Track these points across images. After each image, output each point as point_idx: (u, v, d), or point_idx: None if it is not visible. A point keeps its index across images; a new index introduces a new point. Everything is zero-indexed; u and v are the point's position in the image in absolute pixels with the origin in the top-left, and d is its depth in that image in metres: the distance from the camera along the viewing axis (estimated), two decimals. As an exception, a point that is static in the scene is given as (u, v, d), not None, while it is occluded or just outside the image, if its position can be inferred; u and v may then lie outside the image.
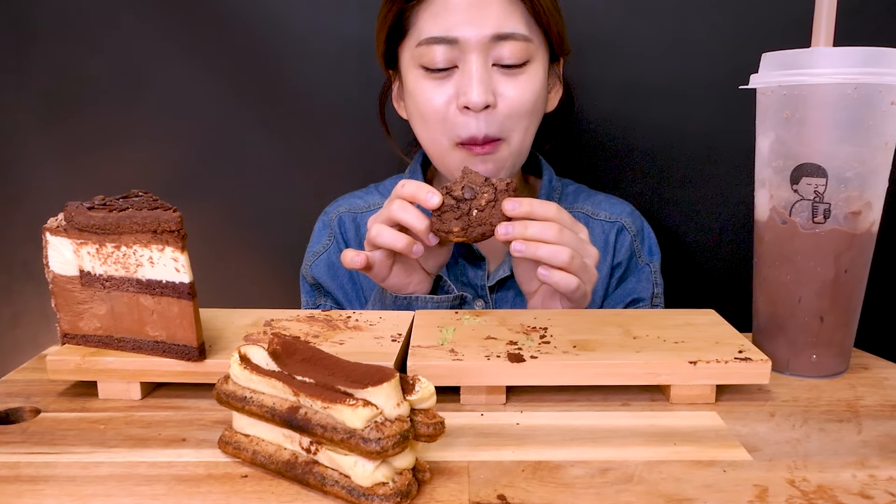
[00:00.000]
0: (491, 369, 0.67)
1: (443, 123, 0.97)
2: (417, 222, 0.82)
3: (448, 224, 0.82)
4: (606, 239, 1.10)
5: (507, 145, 0.98)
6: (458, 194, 0.81)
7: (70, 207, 0.68)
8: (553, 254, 0.80)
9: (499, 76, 0.95)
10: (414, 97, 0.99)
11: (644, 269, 1.10)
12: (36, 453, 0.59)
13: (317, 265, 1.11)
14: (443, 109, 0.96)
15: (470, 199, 0.81)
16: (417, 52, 0.96)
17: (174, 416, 0.66)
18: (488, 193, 0.81)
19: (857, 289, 0.73)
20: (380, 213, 0.86)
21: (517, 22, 0.94)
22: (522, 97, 0.96)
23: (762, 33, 1.17)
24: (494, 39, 0.93)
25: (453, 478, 0.55)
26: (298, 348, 0.56)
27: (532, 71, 0.97)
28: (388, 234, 0.83)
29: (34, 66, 1.26)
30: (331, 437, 0.50)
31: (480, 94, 0.92)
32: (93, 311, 0.70)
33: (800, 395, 0.70)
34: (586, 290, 0.84)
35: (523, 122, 0.97)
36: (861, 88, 0.66)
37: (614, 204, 1.14)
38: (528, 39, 0.95)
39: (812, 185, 0.69)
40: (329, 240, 1.13)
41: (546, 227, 0.80)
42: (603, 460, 0.57)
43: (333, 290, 1.11)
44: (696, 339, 0.72)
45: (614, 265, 1.10)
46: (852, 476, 0.55)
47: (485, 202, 0.81)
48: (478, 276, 1.06)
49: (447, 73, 0.96)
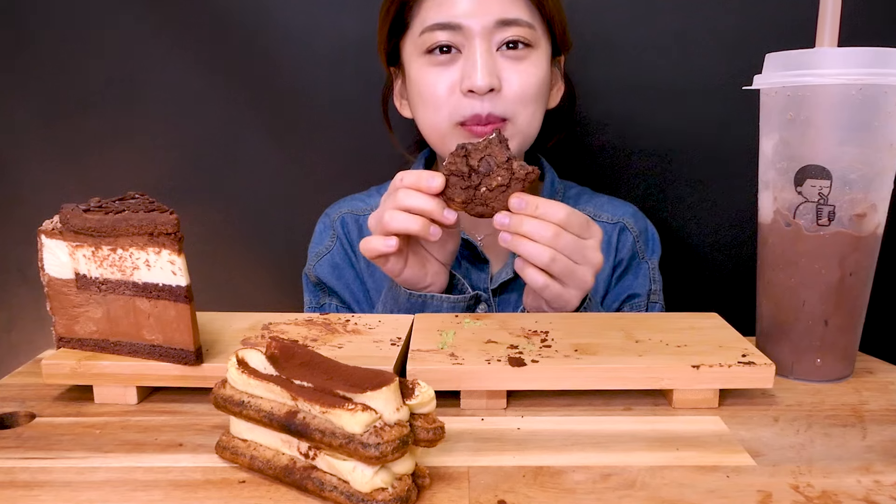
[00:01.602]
0: (491, 373, 0.66)
1: (445, 107, 0.97)
2: (428, 204, 0.79)
3: (453, 191, 0.79)
4: (609, 239, 1.09)
5: (513, 125, 0.97)
6: (475, 164, 0.78)
7: (66, 210, 0.68)
8: (536, 253, 0.78)
9: (503, 61, 0.96)
10: (417, 85, 0.99)
11: (642, 265, 1.10)
12: (31, 458, 0.58)
13: (321, 266, 1.11)
14: (446, 94, 0.96)
15: (484, 174, 0.78)
16: (420, 40, 0.97)
17: (171, 421, 0.65)
18: (502, 177, 0.77)
19: (862, 292, 0.73)
20: (379, 210, 0.83)
21: (521, 9, 0.95)
22: (527, 81, 0.96)
23: (766, 33, 1.16)
24: (498, 25, 0.94)
25: (453, 483, 0.54)
26: (296, 352, 0.55)
27: (535, 58, 0.97)
28: (401, 217, 0.79)
29: (30, 68, 1.26)
30: (329, 441, 0.49)
31: (485, 76, 0.93)
32: (88, 315, 0.70)
33: (804, 400, 0.69)
34: (568, 296, 0.81)
35: (529, 107, 0.97)
36: (866, 89, 0.66)
37: (617, 206, 1.13)
38: (531, 26, 0.96)
39: (816, 186, 0.69)
40: (332, 241, 1.12)
41: (544, 226, 0.77)
42: (605, 465, 0.57)
43: (340, 290, 1.10)
44: (699, 342, 0.72)
45: (615, 264, 1.10)
46: (857, 481, 0.54)
47: (496, 184, 0.77)
48: (480, 278, 1.05)
49: (451, 58, 0.96)
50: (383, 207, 0.83)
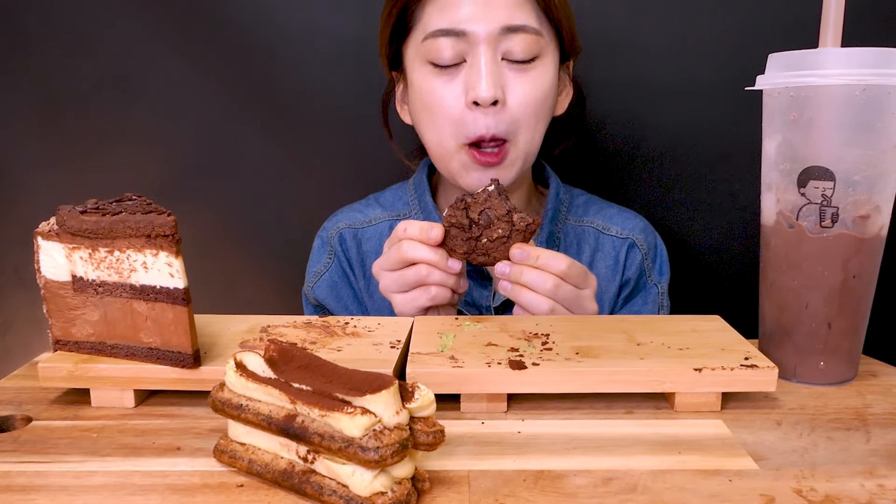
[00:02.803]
0: (492, 376, 0.66)
1: (451, 122, 0.95)
2: (431, 256, 0.81)
3: (454, 242, 0.81)
4: (616, 256, 1.07)
5: (514, 147, 0.96)
6: (475, 217, 0.80)
7: (62, 211, 0.67)
8: (535, 303, 0.80)
9: (508, 71, 0.93)
10: (421, 95, 0.97)
11: (651, 289, 1.08)
12: (28, 462, 0.58)
13: (319, 286, 1.09)
14: (451, 107, 0.94)
15: (484, 226, 0.80)
16: (423, 46, 0.94)
17: (168, 425, 0.65)
18: (503, 229, 0.80)
19: (866, 294, 0.72)
20: (386, 258, 0.85)
21: (527, 15, 0.92)
22: (532, 94, 0.94)
23: (769, 34, 1.16)
24: (504, 32, 0.91)
25: (453, 487, 0.54)
26: (295, 355, 0.55)
27: (542, 67, 0.95)
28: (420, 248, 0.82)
29: (26, 69, 1.26)
30: (328, 445, 0.49)
31: (489, 87, 0.91)
32: (85, 318, 0.69)
33: (807, 403, 0.69)
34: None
35: (531, 122, 0.96)
36: (869, 90, 0.65)
37: (627, 218, 1.11)
38: (539, 33, 0.93)
39: (819, 188, 0.68)
40: (329, 258, 1.10)
41: (544, 278, 0.79)
42: (606, 469, 0.56)
43: (338, 311, 1.09)
44: (702, 345, 0.71)
45: (622, 283, 1.08)
46: (861, 486, 0.54)
47: (496, 236, 0.80)
48: (483, 296, 1.05)
49: (455, 69, 0.94)
50: (387, 258, 0.84)
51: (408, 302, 0.84)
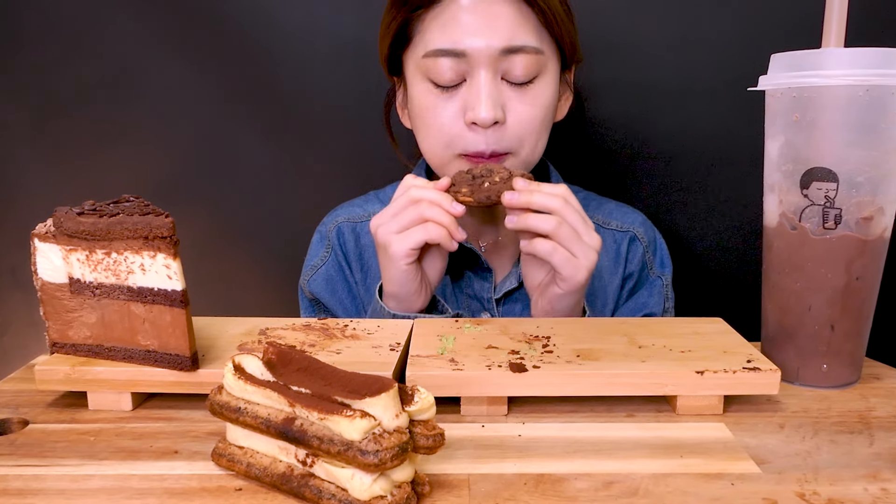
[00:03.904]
0: (492, 379, 0.65)
1: (450, 138, 0.95)
2: (438, 196, 0.85)
3: (458, 187, 0.87)
4: (618, 249, 1.08)
5: (516, 157, 0.96)
6: (477, 172, 0.87)
7: (59, 213, 0.67)
8: (542, 220, 0.83)
9: (508, 91, 0.93)
10: (420, 110, 0.97)
11: (656, 282, 1.08)
12: (24, 466, 0.58)
13: (315, 280, 1.09)
14: (451, 125, 0.94)
15: (486, 176, 0.86)
16: (423, 63, 0.94)
17: (166, 428, 0.65)
18: (503, 173, 0.86)
19: (869, 296, 0.72)
20: (393, 203, 0.88)
21: (528, 33, 0.91)
22: (532, 111, 0.94)
23: (771, 34, 1.16)
24: (504, 53, 0.90)
25: (453, 491, 0.54)
26: (294, 358, 0.55)
27: (542, 85, 0.94)
28: (427, 190, 0.86)
29: (23, 69, 1.26)
30: (327, 449, 0.49)
31: (489, 109, 0.90)
32: (82, 320, 0.69)
33: (810, 406, 0.69)
34: (576, 263, 0.84)
35: (532, 138, 0.95)
36: (873, 90, 0.65)
37: (626, 213, 1.11)
38: (539, 52, 0.92)
39: (822, 189, 0.68)
40: (327, 252, 1.10)
41: (551, 197, 0.84)
42: (607, 473, 0.56)
43: (332, 305, 1.09)
44: (704, 348, 0.71)
45: (625, 276, 1.08)
46: (864, 489, 0.54)
47: (498, 178, 0.86)
48: (484, 288, 1.05)
49: (454, 88, 0.94)
50: (394, 202, 0.88)
51: (404, 238, 0.85)
